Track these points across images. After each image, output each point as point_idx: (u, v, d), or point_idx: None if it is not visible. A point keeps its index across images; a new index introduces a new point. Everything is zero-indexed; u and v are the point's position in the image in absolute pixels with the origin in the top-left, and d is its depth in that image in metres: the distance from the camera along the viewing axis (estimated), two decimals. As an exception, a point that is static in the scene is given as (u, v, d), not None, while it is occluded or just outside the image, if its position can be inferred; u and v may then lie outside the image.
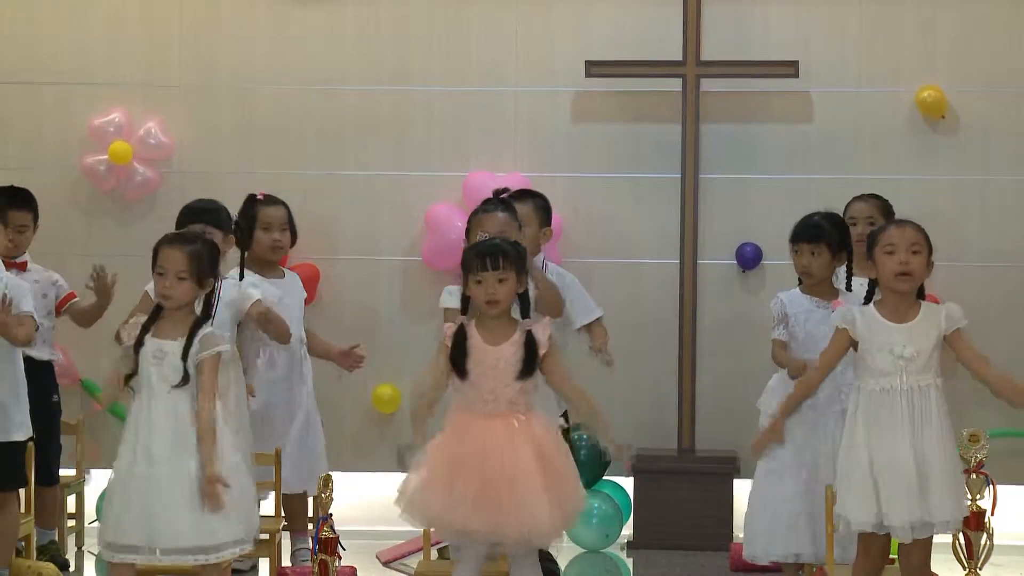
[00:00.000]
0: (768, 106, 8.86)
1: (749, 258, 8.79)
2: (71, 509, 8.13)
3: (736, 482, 8.29)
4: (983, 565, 6.17)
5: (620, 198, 8.91)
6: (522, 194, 7.30)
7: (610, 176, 8.91)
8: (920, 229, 5.94)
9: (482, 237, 6.38)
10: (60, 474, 7.77)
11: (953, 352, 5.90)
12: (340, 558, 6.04)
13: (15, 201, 7.51)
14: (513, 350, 5.89)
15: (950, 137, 8.75)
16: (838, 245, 6.77)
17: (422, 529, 6.36)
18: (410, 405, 6.24)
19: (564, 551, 8.06)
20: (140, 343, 5.95)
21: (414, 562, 7.25)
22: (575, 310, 7.25)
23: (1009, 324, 8.34)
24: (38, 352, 7.41)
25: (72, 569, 7.83)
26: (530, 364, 5.89)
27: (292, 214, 7.80)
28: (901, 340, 5.85)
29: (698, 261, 8.72)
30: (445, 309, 6.66)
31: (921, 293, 5.96)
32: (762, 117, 8.88)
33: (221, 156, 8.96)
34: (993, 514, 6.13)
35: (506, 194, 6.88)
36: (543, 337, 5.91)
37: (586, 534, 8.28)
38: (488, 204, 6.81)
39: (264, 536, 7.17)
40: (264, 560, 7.34)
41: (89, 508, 8.15)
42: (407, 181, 8.90)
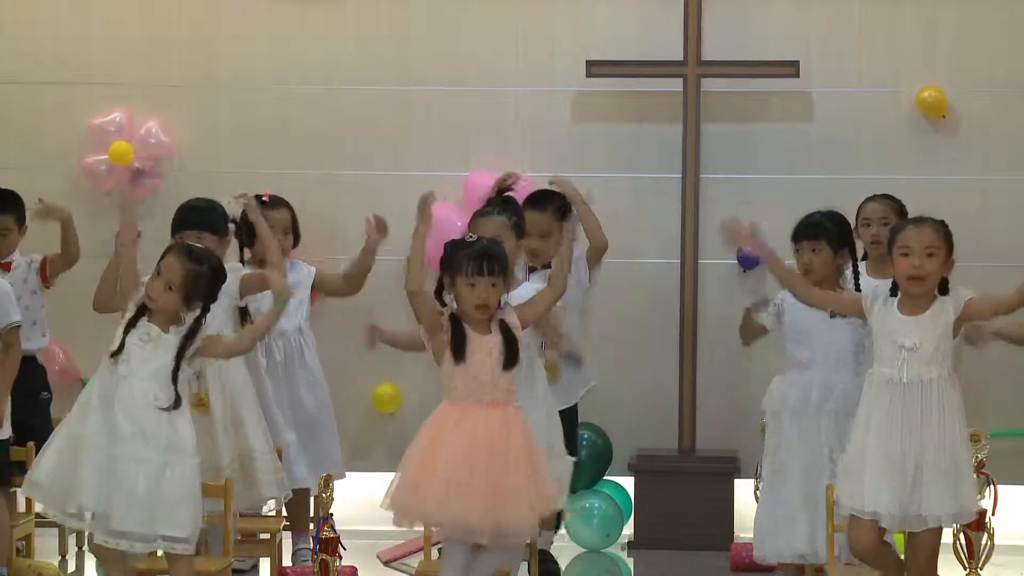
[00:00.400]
0: (769, 106, 8.86)
1: (749, 258, 8.77)
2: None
3: (737, 482, 8.29)
4: (984, 565, 6.19)
5: (621, 198, 8.90)
6: (539, 200, 7.32)
7: (611, 176, 8.90)
8: (939, 229, 5.96)
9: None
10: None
11: (978, 318, 5.94)
12: (341, 558, 6.06)
13: None
14: (499, 339, 5.93)
15: (950, 137, 8.75)
16: (839, 242, 6.77)
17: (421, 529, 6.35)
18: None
19: (564, 551, 8.08)
20: (133, 324, 5.98)
21: (415, 562, 7.27)
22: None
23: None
24: (27, 344, 7.37)
25: (72, 569, 7.83)
26: (512, 354, 5.93)
27: (296, 216, 7.80)
28: (905, 331, 5.90)
29: (699, 261, 8.72)
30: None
31: (944, 288, 5.97)
32: (763, 117, 8.88)
33: (221, 156, 8.96)
34: (994, 514, 6.14)
35: (515, 184, 6.90)
36: (514, 320, 5.98)
37: (586, 534, 8.27)
38: (487, 206, 6.81)
39: (265, 536, 7.21)
40: (265, 560, 7.34)
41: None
42: (408, 181, 8.87)
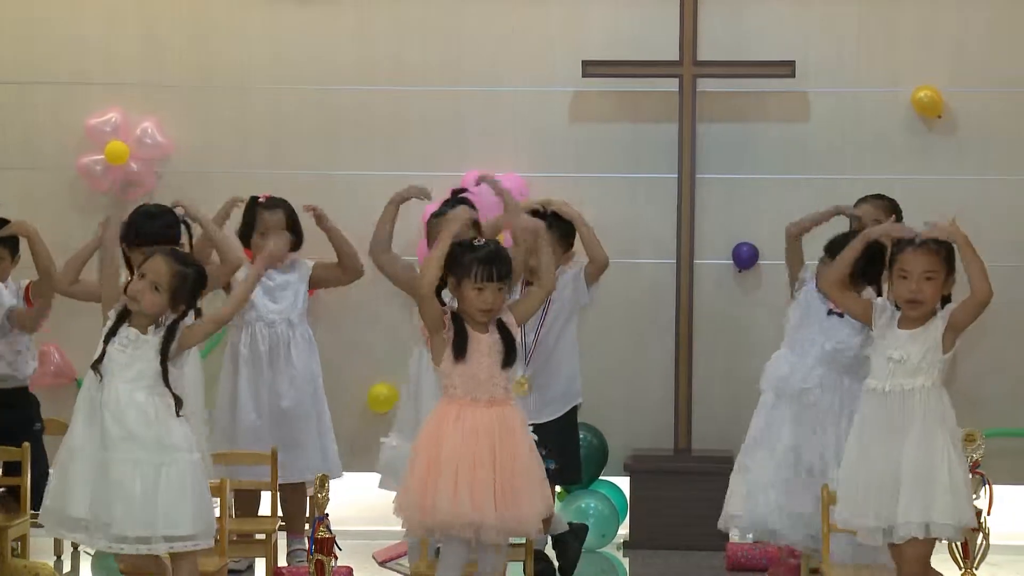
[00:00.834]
0: (765, 106, 8.86)
1: (745, 258, 8.78)
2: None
3: (732, 482, 8.29)
4: (979, 565, 6.18)
5: (617, 198, 8.90)
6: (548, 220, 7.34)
7: (607, 176, 8.91)
8: (937, 252, 5.93)
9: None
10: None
11: (963, 325, 5.93)
12: (336, 558, 6.05)
13: None
14: (497, 338, 5.96)
15: (947, 137, 8.75)
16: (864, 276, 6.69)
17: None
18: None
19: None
20: (113, 332, 5.96)
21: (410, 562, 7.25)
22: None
23: (1009, 323, 8.33)
24: (16, 373, 7.45)
25: (68, 570, 7.83)
26: (511, 353, 5.95)
27: (296, 215, 7.80)
28: (896, 344, 5.92)
29: (694, 261, 8.73)
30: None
31: (947, 301, 5.99)
32: (759, 117, 8.88)
33: (217, 156, 8.95)
34: (989, 514, 6.13)
35: (464, 193, 6.91)
36: (510, 319, 6.01)
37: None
38: (447, 205, 6.81)
39: (260, 536, 7.21)
40: (260, 560, 7.34)
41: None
42: (404, 181, 8.85)
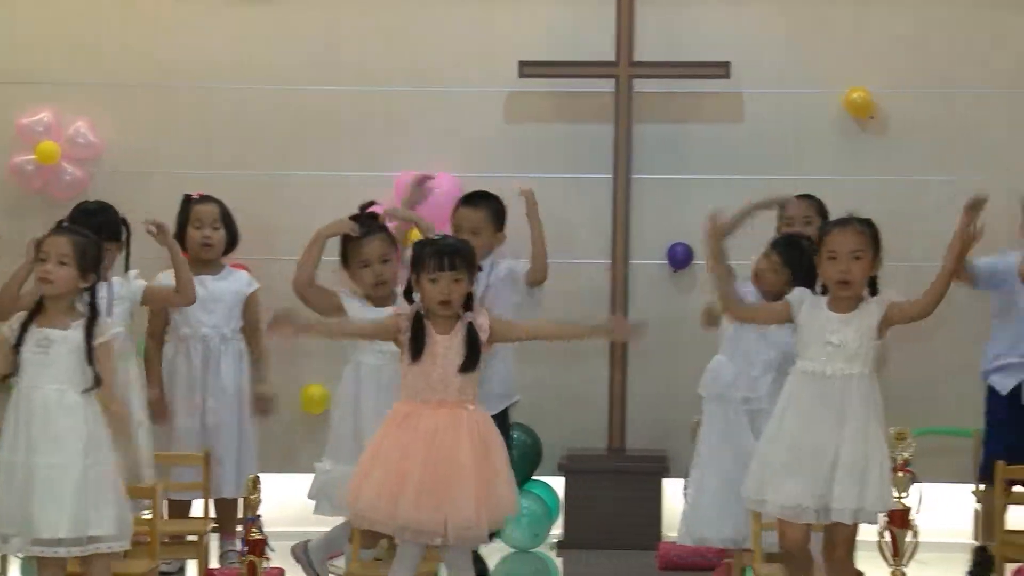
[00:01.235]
0: (700, 107, 8.90)
1: (680, 258, 8.81)
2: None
3: (665, 482, 8.32)
4: (908, 562, 6.21)
5: (552, 198, 8.84)
6: (476, 199, 7.31)
7: (542, 176, 8.89)
8: (864, 231, 6.00)
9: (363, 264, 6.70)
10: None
11: (899, 322, 5.98)
12: (268, 559, 6.01)
13: None
14: (458, 340, 5.92)
15: (878, 138, 8.81)
16: (795, 268, 6.73)
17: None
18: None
19: (493, 551, 8.06)
20: (20, 342, 5.92)
21: (341, 563, 7.23)
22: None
23: (939, 323, 8.35)
24: None
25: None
26: (473, 357, 5.92)
27: (230, 213, 7.77)
28: (833, 328, 5.95)
29: (629, 261, 8.76)
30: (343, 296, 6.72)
31: (874, 288, 6.03)
32: (694, 117, 8.91)
33: (150, 156, 8.90)
34: (919, 512, 6.17)
35: (372, 208, 6.90)
36: (484, 322, 5.96)
37: (516, 534, 8.27)
38: (361, 228, 6.77)
39: (192, 538, 7.17)
40: (192, 562, 7.30)
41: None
42: (340, 181, 8.86)
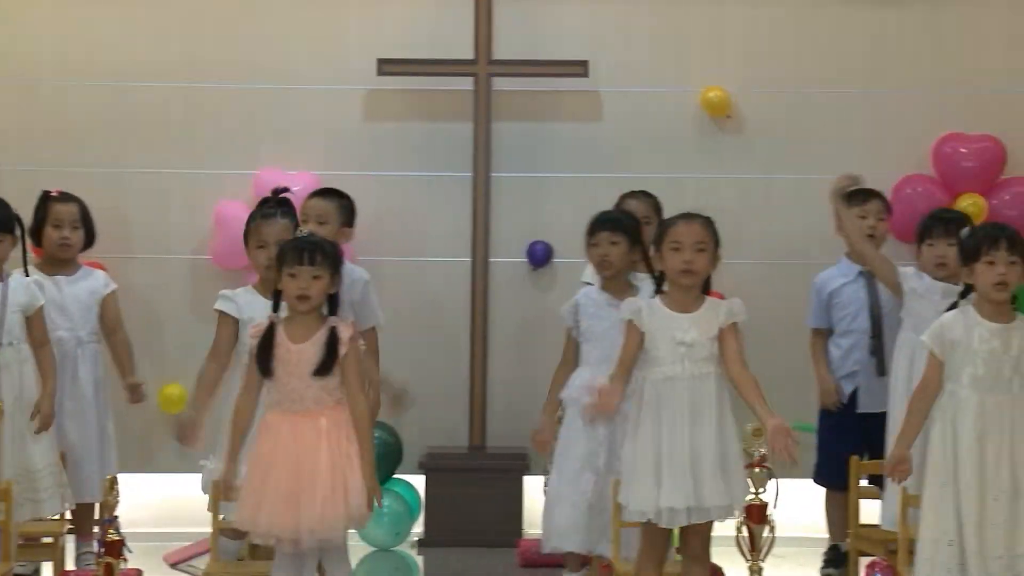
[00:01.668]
0: (559, 105, 8.93)
1: (539, 256, 8.85)
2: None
3: (526, 479, 8.35)
4: (765, 557, 6.29)
5: (412, 196, 8.91)
6: (326, 192, 7.26)
7: (402, 175, 8.91)
8: (707, 225, 6.04)
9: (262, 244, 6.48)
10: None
11: (719, 344, 6.00)
12: (126, 560, 5.96)
13: None
14: (315, 349, 5.85)
15: (735, 136, 8.90)
16: (634, 239, 6.87)
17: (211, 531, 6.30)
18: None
19: (354, 550, 8.00)
20: None
21: (202, 564, 7.18)
22: (356, 313, 7.12)
23: (789, 321, 8.48)
24: None
25: None
26: (328, 362, 5.84)
27: (90, 213, 7.67)
28: (681, 327, 5.94)
29: (489, 259, 8.78)
30: (219, 313, 6.58)
31: (706, 287, 6.08)
32: (553, 116, 8.95)
33: (2, 153, 8.77)
34: (775, 507, 6.25)
35: (285, 193, 6.80)
36: (345, 336, 5.88)
37: (376, 532, 8.25)
38: (267, 208, 6.71)
39: (48, 539, 7.08)
40: (48, 564, 7.20)
41: None
42: (197, 179, 8.80)
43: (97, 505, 7.50)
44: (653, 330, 5.99)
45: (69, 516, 7.30)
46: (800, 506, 7.28)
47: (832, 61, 8.90)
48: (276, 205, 6.68)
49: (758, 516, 6.23)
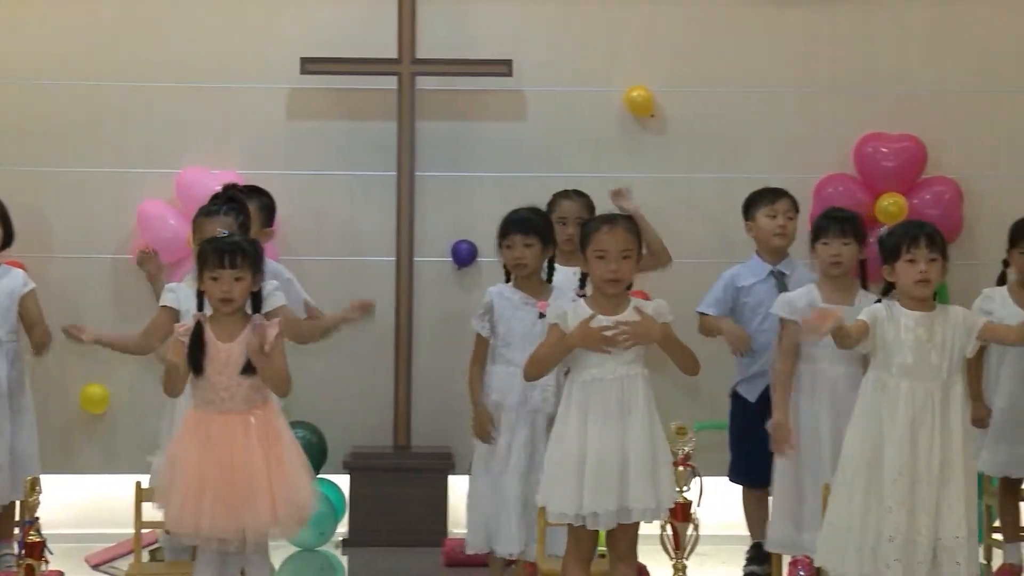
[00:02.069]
0: (483, 104, 8.94)
1: (464, 255, 8.85)
2: None
3: (451, 478, 8.35)
4: (689, 555, 6.33)
5: (336, 195, 8.90)
6: (246, 190, 7.24)
7: (326, 174, 8.89)
8: (631, 229, 6.04)
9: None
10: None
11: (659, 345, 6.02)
12: (47, 562, 5.94)
13: None
14: (241, 348, 5.87)
15: (658, 136, 8.93)
16: (547, 238, 6.89)
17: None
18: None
19: (278, 550, 8.00)
20: None
21: (124, 565, 7.16)
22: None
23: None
24: None
25: None
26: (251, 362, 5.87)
27: (7, 211, 7.60)
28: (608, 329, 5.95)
29: (414, 258, 8.77)
30: (162, 307, 6.58)
31: (628, 287, 6.09)
32: (477, 115, 8.95)
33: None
34: (699, 505, 6.28)
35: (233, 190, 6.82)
36: (271, 334, 5.88)
37: (301, 532, 8.21)
38: (213, 205, 6.71)
39: (-33, 542, 7.03)
40: (-33, 566, 7.16)
41: None
42: (120, 178, 8.75)
43: (18, 505, 7.46)
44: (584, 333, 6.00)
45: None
46: (724, 504, 7.34)
47: (755, 61, 8.96)
48: (224, 202, 6.69)
49: (682, 514, 6.27)
